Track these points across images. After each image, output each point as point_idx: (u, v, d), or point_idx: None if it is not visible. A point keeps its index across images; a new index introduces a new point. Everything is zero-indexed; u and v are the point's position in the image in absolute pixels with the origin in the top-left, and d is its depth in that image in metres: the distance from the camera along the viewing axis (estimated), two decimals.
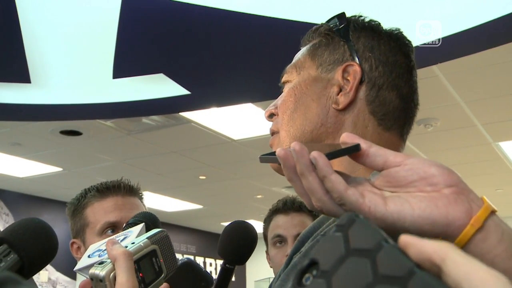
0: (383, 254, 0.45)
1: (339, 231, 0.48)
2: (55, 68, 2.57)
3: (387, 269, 0.44)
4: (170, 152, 6.17)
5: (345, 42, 0.94)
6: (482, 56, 3.27)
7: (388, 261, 0.44)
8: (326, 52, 0.95)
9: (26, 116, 3.32)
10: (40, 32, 2.39)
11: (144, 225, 1.06)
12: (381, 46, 0.94)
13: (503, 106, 4.76)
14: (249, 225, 1.36)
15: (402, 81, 0.93)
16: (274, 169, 0.97)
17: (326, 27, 0.98)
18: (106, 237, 1.52)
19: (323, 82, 0.93)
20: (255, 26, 2.14)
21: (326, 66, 0.94)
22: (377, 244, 0.46)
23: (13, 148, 5.87)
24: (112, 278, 0.80)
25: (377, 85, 0.91)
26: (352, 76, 0.91)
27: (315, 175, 0.63)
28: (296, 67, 0.98)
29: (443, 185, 0.61)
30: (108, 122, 5.14)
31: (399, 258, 0.44)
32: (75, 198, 1.67)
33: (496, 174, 6.97)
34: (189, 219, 10.10)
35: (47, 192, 7.87)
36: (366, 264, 0.45)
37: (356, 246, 0.47)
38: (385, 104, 0.91)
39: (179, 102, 2.66)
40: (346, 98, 0.90)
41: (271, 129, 1.00)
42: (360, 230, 0.47)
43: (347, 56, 0.93)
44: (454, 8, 2.01)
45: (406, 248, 0.45)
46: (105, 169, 6.56)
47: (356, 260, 0.46)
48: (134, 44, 2.40)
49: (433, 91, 4.43)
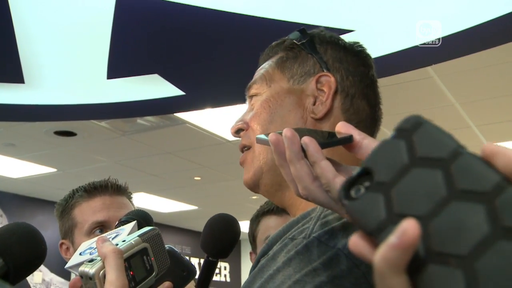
0: (460, 164, 0.36)
1: (401, 137, 0.39)
2: (49, 68, 2.56)
3: (466, 182, 0.35)
4: (165, 153, 6.15)
5: (312, 55, 0.97)
6: (477, 58, 3.27)
7: (467, 173, 0.36)
8: (295, 65, 0.97)
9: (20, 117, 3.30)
10: (33, 32, 2.38)
11: (136, 223, 1.05)
12: (348, 57, 0.97)
13: (498, 108, 4.77)
14: (231, 218, 1.35)
15: (370, 90, 0.98)
16: (240, 162, 0.99)
17: (291, 42, 1.00)
18: (94, 237, 1.52)
19: (297, 93, 0.95)
20: (250, 26, 2.13)
21: (298, 78, 0.96)
22: (453, 152, 0.37)
23: (7, 149, 5.84)
24: (102, 276, 0.79)
25: (350, 94, 0.94)
26: (327, 86, 0.93)
27: (304, 163, 0.63)
28: (265, 80, 0.98)
29: None
30: (103, 123, 5.12)
31: (482, 170, 0.36)
32: (63, 199, 1.66)
33: None
34: (184, 220, 10.09)
35: (41, 193, 7.83)
36: (437, 175, 0.36)
37: (423, 154, 0.38)
38: (359, 112, 0.95)
39: (173, 103, 2.65)
40: (323, 107, 0.92)
41: (242, 144, 0.99)
42: (429, 135, 0.39)
43: (317, 67, 0.95)
44: (449, 10, 2.01)
45: (493, 157, 0.37)
46: (100, 170, 6.54)
47: (423, 171, 0.37)
48: (128, 44, 2.40)
49: (427, 93, 4.44)
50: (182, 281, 1.04)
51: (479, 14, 1.93)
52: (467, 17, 1.97)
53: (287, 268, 0.76)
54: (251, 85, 1.01)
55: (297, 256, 0.76)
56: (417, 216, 0.36)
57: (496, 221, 0.33)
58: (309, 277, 0.72)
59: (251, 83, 1.01)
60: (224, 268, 11.83)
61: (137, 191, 7.54)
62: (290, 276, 0.74)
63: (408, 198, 0.37)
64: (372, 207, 0.38)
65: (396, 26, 2.11)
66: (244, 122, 0.99)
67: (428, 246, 0.36)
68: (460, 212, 0.35)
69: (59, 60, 2.55)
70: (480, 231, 0.34)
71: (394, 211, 0.37)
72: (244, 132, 0.99)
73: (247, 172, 0.96)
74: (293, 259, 0.76)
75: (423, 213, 0.36)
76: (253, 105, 0.99)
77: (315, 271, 0.73)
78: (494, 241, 0.33)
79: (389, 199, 0.38)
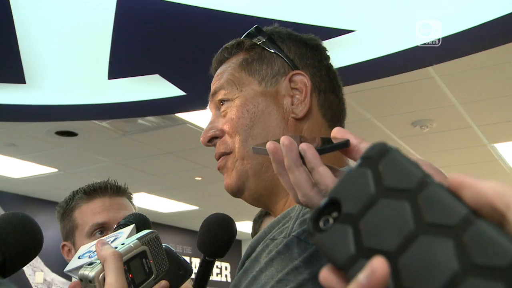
0: (427, 195, 0.35)
1: (366, 165, 0.38)
2: (50, 69, 2.57)
3: (434, 215, 0.34)
4: (166, 153, 6.15)
5: (277, 54, 0.95)
6: (478, 58, 3.27)
7: (435, 205, 0.35)
8: (263, 66, 0.95)
9: (21, 117, 3.31)
10: (35, 33, 2.38)
11: (134, 226, 1.06)
12: (310, 52, 0.97)
13: (499, 108, 4.77)
14: (227, 218, 1.35)
15: (335, 83, 0.98)
16: (219, 168, 0.98)
17: (250, 42, 0.98)
18: (95, 238, 1.52)
19: (272, 95, 0.94)
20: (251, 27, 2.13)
21: (269, 80, 0.94)
22: (420, 183, 0.36)
23: (8, 149, 5.85)
24: (101, 279, 0.80)
25: (322, 89, 0.95)
26: (302, 84, 0.92)
27: (302, 170, 0.63)
28: (234, 84, 0.96)
29: None
30: (104, 123, 5.12)
31: (449, 202, 0.35)
32: (63, 201, 1.67)
33: (492, 175, 6.98)
34: (185, 220, 10.08)
35: (43, 193, 7.84)
36: (405, 207, 0.35)
37: (390, 185, 0.37)
38: (331, 106, 0.96)
39: (174, 103, 2.66)
40: (304, 106, 0.92)
41: (220, 152, 0.96)
42: (394, 164, 0.37)
43: (286, 66, 0.94)
44: (450, 10, 2.01)
45: (460, 189, 0.36)
46: (101, 170, 6.54)
47: (390, 202, 0.36)
48: (129, 45, 2.40)
49: (428, 93, 4.43)
50: (178, 280, 1.04)
51: (480, 15, 1.93)
52: (468, 18, 1.97)
53: (270, 268, 0.76)
54: (217, 91, 0.99)
55: (278, 256, 0.77)
56: (386, 251, 0.35)
57: (465, 257, 0.33)
58: (291, 275, 0.73)
59: (217, 88, 0.99)
60: (225, 268, 11.83)
61: (138, 191, 7.53)
62: (273, 276, 0.75)
63: (377, 231, 0.36)
64: (341, 240, 0.37)
65: (397, 27, 2.11)
66: (217, 130, 0.97)
67: (398, 283, 0.35)
68: (429, 247, 0.34)
69: (60, 61, 2.56)
70: (450, 267, 0.33)
71: (363, 245, 0.37)
72: (219, 139, 0.97)
73: (229, 177, 0.95)
74: (274, 259, 0.77)
75: (392, 248, 0.35)
76: (224, 111, 0.96)
77: (296, 269, 0.73)
78: (463, 279, 0.33)
79: (358, 232, 0.37)
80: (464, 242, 0.33)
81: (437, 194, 0.35)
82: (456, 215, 0.34)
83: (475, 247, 0.33)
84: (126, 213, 1.59)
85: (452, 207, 0.34)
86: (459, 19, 1.98)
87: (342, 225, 0.38)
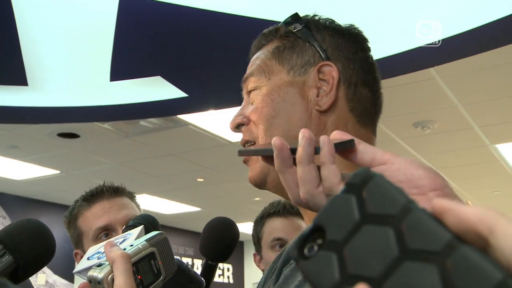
0: (411, 221, 0.35)
1: (351, 192, 0.39)
2: (52, 71, 2.57)
3: (417, 241, 0.34)
4: (168, 155, 6.16)
5: (310, 43, 0.93)
6: (479, 59, 3.27)
7: (418, 231, 0.35)
8: (294, 55, 0.93)
9: (24, 119, 3.31)
10: (37, 34, 2.39)
11: (143, 227, 1.06)
12: (346, 43, 0.94)
13: (500, 109, 4.77)
14: (228, 222, 1.35)
15: (370, 76, 0.94)
16: (244, 161, 0.95)
17: (286, 30, 0.96)
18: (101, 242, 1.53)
19: (299, 85, 0.91)
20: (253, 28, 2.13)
21: (298, 69, 0.92)
22: (403, 209, 0.36)
23: (10, 151, 5.86)
24: (110, 280, 0.80)
25: (353, 83, 0.91)
26: (330, 76, 0.90)
27: (313, 167, 0.62)
28: (264, 72, 0.94)
29: (429, 188, 0.60)
30: (106, 125, 5.13)
31: (433, 228, 0.35)
32: (68, 211, 1.69)
33: (493, 176, 6.97)
34: (187, 222, 10.09)
35: (45, 195, 7.85)
36: (389, 234, 0.35)
37: (374, 211, 0.37)
38: (362, 100, 0.92)
39: (176, 105, 2.66)
40: (328, 98, 0.89)
41: (244, 139, 0.95)
42: (378, 190, 0.38)
43: (317, 57, 0.92)
44: (451, 11, 2.01)
45: (443, 214, 0.36)
46: (103, 172, 6.55)
47: (374, 229, 0.36)
48: (131, 46, 2.40)
49: (430, 94, 4.43)
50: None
51: (482, 16, 1.93)
52: (469, 19, 1.97)
53: None
54: (247, 78, 0.97)
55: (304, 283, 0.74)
56: (370, 278, 0.35)
57: (448, 283, 0.33)
58: None
59: (248, 75, 0.97)
60: (228, 270, 11.82)
61: (140, 192, 7.52)
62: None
63: (361, 257, 0.36)
64: (325, 267, 0.37)
65: (398, 28, 2.11)
66: (244, 117, 0.95)
67: None
68: (413, 273, 0.34)
69: (62, 63, 2.56)
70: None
71: (347, 272, 0.36)
72: (245, 127, 0.95)
73: (252, 170, 0.93)
74: None
75: (376, 274, 0.35)
76: (252, 99, 0.95)
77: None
78: None
79: (342, 259, 0.37)
80: (448, 267, 0.33)
81: (421, 220, 0.35)
82: (440, 241, 0.34)
83: (458, 273, 0.33)
84: (127, 212, 1.60)
85: (435, 233, 0.35)
86: (461, 20, 1.98)
87: (327, 252, 0.38)
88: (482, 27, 1.92)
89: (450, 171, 6.64)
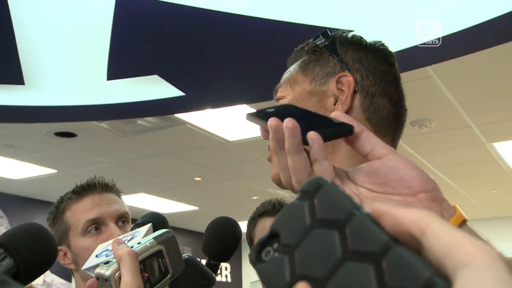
0: (354, 225, 0.38)
1: (304, 199, 0.42)
2: (49, 70, 2.57)
3: (358, 243, 0.38)
4: (165, 154, 6.16)
5: (333, 56, 0.99)
6: (477, 57, 3.28)
7: (360, 234, 0.38)
8: (317, 67, 0.99)
9: (21, 118, 3.31)
10: (33, 33, 2.38)
11: (151, 225, 1.07)
12: (368, 57, 0.99)
13: (498, 107, 4.78)
14: (231, 221, 1.35)
15: (391, 88, 0.99)
16: (268, 159, 0.99)
17: (313, 44, 1.02)
18: (90, 236, 1.53)
19: (319, 95, 0.96)
20: (249, 27, 2.14)
21: (319, 80, 0.97)
22: (348, 214, 0.39)
23: (7, 150, 5.85)
24: (117, 277, 0.80)
25: (370, 93, 0.96)
26: (346, 85, 0.94)
27: (302, 156, 0.64)
28: (289, 83, 1.00)
29: (419, 190, 0.62)
30: (103, 124, 5.12)
31: (372, 231, 0.38)
32: (53, 206, 1.65)
33: (491, 174, 6.99)
34: (184, 221, 10.09)
35: (42, 194, 7.84)
36: (334, 237, 0.39)
37: (323, 216, 0.40)
38: (379, 110, 0.96)
39: (174, 104, 2.66)
40: (343, 106, 0.93)
41: None
42: (328, 197, 0.41)
43: (338, 68, 0.97)
44: (448, 9, 2.01)
45: (380, 218, 0.39)
46: (100, 171, 6.51)
47: (322, 233, 0.39)
48: (128, 45, 2.40)
49: (427, 92, 4.44)
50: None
51: (479, 14, 1.93)
52: (466, 17, 1.97)
53: None
54: (277, 89, 1.04)
55: None
56: (315, 278, 0.38)
57: (383, 282, 0.35)
58: None
59: (277, 86, 1.03)
60: (225, 269, 11.83)
61: (137, 191, 7.53)
62: None
63: (309, 259, 0.39)
64: (278, 269, 0.40)
65: (396, 26, 2.11)
66: None
67: None
68: (352, 273, 0.37)
69: (59, 61, 2.56)
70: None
71: (296, 273, 0.39)
72: None
73: (275, 169, 0.96)
74: None
75: (321, 274, 0.38)
76: None
77: None
78: None
79: (293, 261, 0.39)
80: (383, 266, 0.36)
81: (362, 224, 0.38)
82: (377, 243, 0.37)
83: (391, 271, 0.35)
84: (118, 206, 1.59)
85: (374, 235, 0.38)
86: (458, 18, 1.99)
87: (280, 255, 0.41)
88: (479, 25, 1.92)
89: (447, 169, 6.65)
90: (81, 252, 1.52)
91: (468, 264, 0.34)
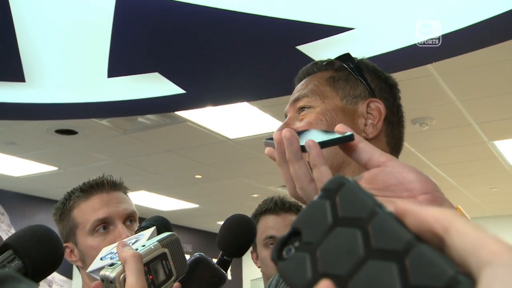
0: (376, 223, 0.39)
1: (325, 197, 0.42)
2: (50, 67, 2.57)
3: (381, 241, 0.38)
4: (166, 151, 6.16)
5: (361, 80, 1.08)
6: (477, 55, 3.27)
7: (383, 232, 0.38)
8: (347, 87, 1.08)
9: (21, 115, 3.31)
10: (34, 31, 2.38)
11: (155, 228, 1.09)
12: (388, 89, 1.11)
13: (498, 105, 4.77)
14: (249, 218, 1.37)
15: (402, 120, 1.13)
16: None
17: (340, 64, 1.11)
18: (98, 235, 1.52)
19: (350, 113, 1.05)
20: (251, 25, 2.14)
21: (351, 99, 1.06)
22: (370, 212, 0.39)
23: (8, 147, 5.85)
24: (122, 280, 0.81)
25: (391, 122, 1.09)
26: (377, 111, 1.05)
27: (302, 164, 0.66)
28: (318, 95, 1.07)
29: (419, 192, 0.63)
30: (104, 121, 5.12)
31: (395, 229, 0.38)
32: (60, 202, 1.64)
33: (491, 173, 6.99)
34: (185, 218, 10.10)
35: (43, 192, 7.85)
36: (356, 235, 0.39)
37: (345, 214, 0.40)
38: (396, 137, 1.10)
39: (174, 101, 2.66)
40: (375, 129, 1.04)
41: None
42: (350, 196, 0.41)
43: (367, 93, 1.08)
44: (449, 7, 2.01)
45: (404, 216, 0.39)
46: (101, 168, 6.53)
47: (344, 231, 0.40)
48: (129, 43, 2.40)
49: (428, 90, 4.44)
50: (212, 287, 1.07)
51: (479, 12, 1.93)
52: (467, 15, 1.97)
53: None
54: (300, 98, 1.08)
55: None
56: (337, 275, 0.38)
57: (406, 280, 0.35)
58: None
59: (301, 95, 1.08)
60: None
61: (138, 189, 7.54)
62: None
63: (331, 257, 0.39)
64: (299, 267, 0.40)
65: (396, 24, 2.11)
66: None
67: None
68: (375, 271, 0.37)
69: (59, 59, 2.56)
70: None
71: (318, 271, 0.39)
72: None
73: None
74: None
75: (343, 272, 0.38)
76: (304, 115, 1.06)
77: None
78: None
79: (315, 259, 0.40)
80: (406, 264, 0.36)
81: (385, 222, 0.39)
82: (400, 241, 0.37)
83: (414, 269, 0.36)
84: (126, 206, 1.58)
85: (397, 234, 0.38)
86: (459, 16, 1.98)
87: (302, 253, 0.41)
88: (480, 23, 1.92)
89: (448, 167, 6.65)
90: (88, 251, 1.52)
91: (493, 263, 0.34)
